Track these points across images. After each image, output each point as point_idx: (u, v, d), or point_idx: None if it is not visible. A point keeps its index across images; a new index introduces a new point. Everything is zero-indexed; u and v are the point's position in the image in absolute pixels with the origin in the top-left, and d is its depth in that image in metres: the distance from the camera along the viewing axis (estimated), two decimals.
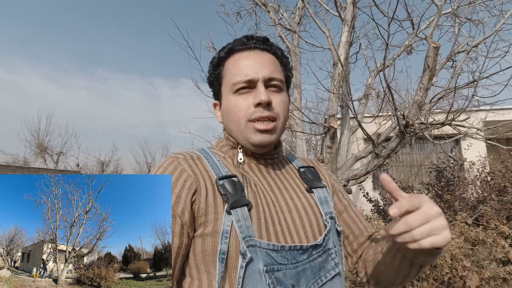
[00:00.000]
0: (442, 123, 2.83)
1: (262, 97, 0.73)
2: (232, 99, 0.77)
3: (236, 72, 0.76)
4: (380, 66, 4.56)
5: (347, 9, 3.68)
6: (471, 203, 3.81)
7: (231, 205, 0.66)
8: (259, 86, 0.75)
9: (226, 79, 0.79)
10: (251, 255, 0.63)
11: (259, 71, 0.75)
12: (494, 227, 3.17)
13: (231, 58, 0.79)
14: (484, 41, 3.60)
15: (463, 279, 2.48)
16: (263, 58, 0.78)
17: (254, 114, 0.74)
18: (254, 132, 0.75)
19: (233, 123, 0.77)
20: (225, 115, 0.80)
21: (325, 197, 0.82)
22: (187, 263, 0.69)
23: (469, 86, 3.10)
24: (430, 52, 2.69)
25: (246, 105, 0.75)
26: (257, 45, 0.79)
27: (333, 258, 0.73)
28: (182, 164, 0.71)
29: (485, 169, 4.59)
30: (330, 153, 3.66)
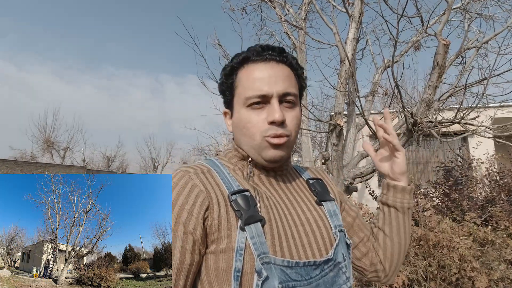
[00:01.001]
0: (452, 122, 2.78)
1: (276, 116, 0.71)
2: (245, 113, 0.75)
3: (250, 85, 0.74)
4: (387, 63, 4.50)
5: (354, 5, 3.63)
6: (479, 202, 3.75)
7: (245, 221, 0.65)
8: (273, 103, 0.73)
9: (238, 91, 0.77)
10: (267, 272, 0.62)
11: (273, 86, 0.73)
12: (504, 228, 3.12)
13: (244, 68, 0.77)
14: (495, 37, 3.53)
15: (471, 280, 2.45)
16: (278, 72, 0.75)
17: (268, 132, 0.72)
18: (268, 147, 0.74)
19: (245, 137, 0.76)
20: (237, 128, 0.78)
21: (334, 210, 0.81)
22: (199, 279, 0.68)
23: (479, 84, 3.04)
24: (439, 49, 2.64)
25: (259, 121, 0.73)
26: (273, 57, 0.76)
27: (344, 272, 0.73)
28: (193, 178, 0.69)
29: (493, 168, 4.51)
30: (336, 151, 3.63)
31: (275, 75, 0.74)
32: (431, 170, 8.22)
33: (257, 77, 0.74)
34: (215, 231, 0.65)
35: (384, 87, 4.48)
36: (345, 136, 3.93)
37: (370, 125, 3.11)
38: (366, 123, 3.06)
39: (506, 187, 3.76)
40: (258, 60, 0.76)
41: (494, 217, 3.33)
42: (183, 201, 0.66)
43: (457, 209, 3.72)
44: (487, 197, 3.83)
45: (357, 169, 3.65)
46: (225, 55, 4.99)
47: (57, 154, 25.29)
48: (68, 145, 26.17)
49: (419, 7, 2.91)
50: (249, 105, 0.74)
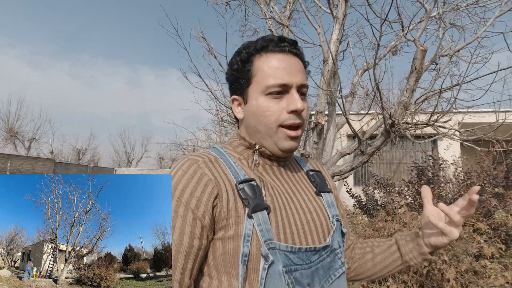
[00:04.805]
0: (426, 124, 2.92)
1: (298, 105, 0.74)
2: (264, 100, 0.76)
3: (271, 73, 0.75)
4: (367, 65, 4.63)
5: (339, 6, 3.70)
6: (448, 200, 3.98)
7: (252, 209, 0.68)
8: (293, 93, 0.75)
9: (257, 79, 0.77)
10: (272, 257, 0.66)
11: (293, 77, 0.76)
12: (471, 224, 3.34)
13: (263, 57, 0.78)
14: (466, 46, 3.72)
15: (441, 272, 2.62)
16: (296, 63, 0.78)
17: (287, 120, 0.75)
18: (285, 138, 0.77)
19: (262, 125, 0.77)
20: (253, 115, 0.79)
21: (331, 201, 0.86)
22: (205, 263, 0.71)
23: (452, 89, 3.21)
24: (417, 54, 2.75)
25: (278, 110, 0.75)
26: (290, 49, 0.78)
27: (339, 258, 0.78)
28: (202, 167, 0.71)
29: (460, 169, 4.78)
30: (316, 149, 3.71)
31: (294, 66, 0.77)
32: (404, 170, 8.58)
33: (278, 66, 0.76)
34: (223, 219, 0.68)
35: (366, 88, 4.62)
36: (325, 135, 4.02)
37: (351, 124, 3.21)
38: (348, 122, 3.14)
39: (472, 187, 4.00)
40: (276, 51, 0.77)
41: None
42: (192, 189, 0.68)
43: None
44: (455, 196, 4.07)
45: (336, 167, 3.75)
46: (209, 49, 4.93)
47: (22, 145, 23.98)
48: (34, 135, 24.89)
49: (400, 13, 3.02)
50: (269, 93, 0.76)
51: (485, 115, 4.80)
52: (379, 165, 9.19)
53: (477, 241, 2.98)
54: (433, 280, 2.67)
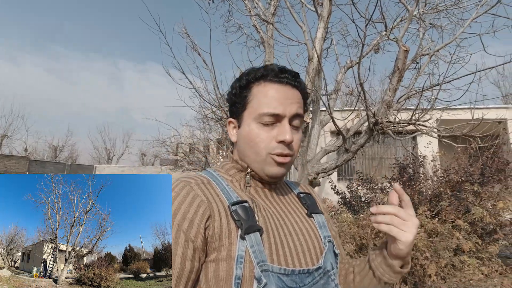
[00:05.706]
0: (408, 122, 3.02)
1: (287, 137, 0.76)
2: (255, 128, 0.78)
3: (266, 102, 0.78)
4: (351, 63, 4.72)
5: (324, 5, 3.75)
6: (428, 197, 4.14)
7: (245, 230, 0.68)
8: (284, 124, 0.77)
9: (252, 105, 0.80)
10: (265, 279, 0.65)
11: (287, 108, 0.77)
12: (451, 221, 3.48)
13: (261, 85, 0.80)
14: (445, 46, 3.86)
15: (423, 267, 2.72)
16: (293, 95, 0.80)
17: (276, 149, 0.77)
18: (272, 164, 0.78)
19: (251, 151, 0.79)
20: (244, 140, 0.81)
21: (323, 222, 0.87)
22: (197, 287, 0.70)
23: (433, 88, 3.32)
24: (400, 54, 2.83)
25: (268, 138, 0.77)
26: (289, 81, 0.80)
27: (333, 280, 0.78)
28: (194, 189, 0.72)
29: (439, 165, 4.96)
30: (301, 147, 3.76)
31: (290, 97, 0.79)
32: (385, 165, 8.81)
33: (274, 96, 0.78)
34: (216, 240, 0.68)
35: (350, 87, 4.70)
36: (309, 132, 4.08)
37: (335, 122, 3.27)
38: (332, 120, 3.20)
39: (450, 183, 4.18)
40: (275, 81, 0.80)
41: (443, 210, 3.70)
42: (184, 210, 0.68)
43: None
44: (435, 192, 4.24)
45: (321, 165, 3.82)
46: (192, 45, 4.88)
47: None
48: (6, 132, 23.88)
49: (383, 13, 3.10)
50: (261, 121, 0.78)
51: (461, 112, 4.99)
52: (362, 161, 9.40)
53: (456, 237, 3.12)
54: (415, 275, 2.77)
